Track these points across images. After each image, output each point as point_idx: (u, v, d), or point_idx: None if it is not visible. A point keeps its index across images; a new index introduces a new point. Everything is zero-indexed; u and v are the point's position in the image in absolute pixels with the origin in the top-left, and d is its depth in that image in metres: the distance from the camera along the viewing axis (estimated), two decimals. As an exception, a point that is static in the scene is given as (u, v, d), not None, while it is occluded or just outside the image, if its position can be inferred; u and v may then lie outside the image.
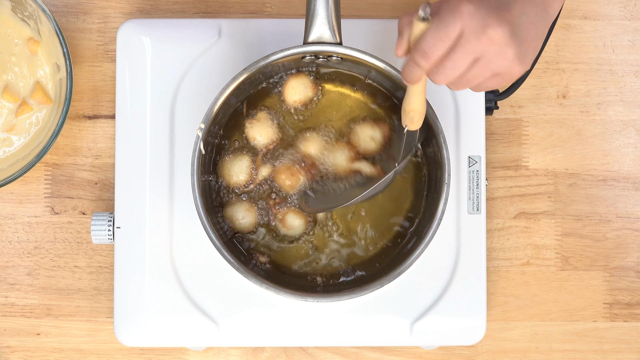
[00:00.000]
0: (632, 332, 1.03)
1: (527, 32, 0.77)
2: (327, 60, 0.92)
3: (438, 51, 0.76)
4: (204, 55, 0.98)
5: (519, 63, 0.77)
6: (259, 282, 0.88)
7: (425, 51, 0.77)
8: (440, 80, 0.78)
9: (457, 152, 0.97)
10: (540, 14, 0.78)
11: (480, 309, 0.96)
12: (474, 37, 0.75)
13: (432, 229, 0.89)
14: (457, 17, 0.75)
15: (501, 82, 0.79)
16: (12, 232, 1.03)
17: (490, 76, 0.78)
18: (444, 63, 0.77)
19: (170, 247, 0.97)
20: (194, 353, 1.02)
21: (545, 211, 1.03)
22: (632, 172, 1.04)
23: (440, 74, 0.78)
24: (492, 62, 0.77)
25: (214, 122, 0.91)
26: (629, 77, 1.04)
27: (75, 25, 1.04)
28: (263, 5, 1.04)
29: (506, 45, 0.76)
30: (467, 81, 0.78)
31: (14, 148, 1.01)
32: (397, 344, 0.97)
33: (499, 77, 0.78)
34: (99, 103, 1.03)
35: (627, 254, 1.03)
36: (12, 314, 1.02)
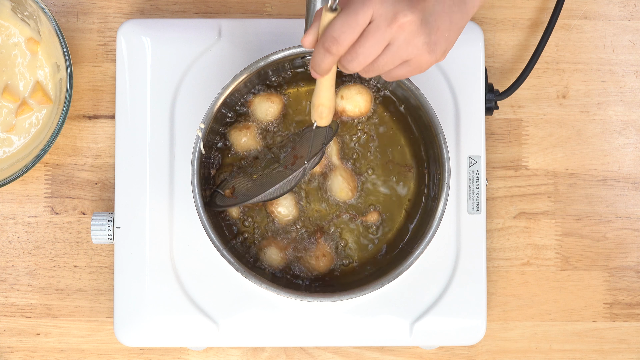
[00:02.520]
0: (632, 332, 1.03)
1: (440, 22, 0.77)
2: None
3: (348, 37, 0.76)
4: (204, 55, 0.98)
5: (427, 51, 0.77)
6: (259, 282, 0.88)
7: (334, 38, 0.76)
8: (353, 67, 0.77)
9: (457, 152, 0.97)
10: (457, 4, 0.78)
11: (480, 309, 0.96)
12: (384, 24, 0.75)
13: (432, 229, 0.89)
14: (367, 3, 0.75)
15: (410, 70, 0.79)
16: (12, 232, 1.03)
17: (400, 63, 0.78)
18: (356, 50, 0.76)
19: (170, 247, 0.97)
20: (194, 353, 1.02)
21: (545, 211, 1.03)
22: (632, 172, 1.04)
23: (352, 61, 0.77)
24: (402, 49, 0.76)
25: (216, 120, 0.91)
26: (629, 77, 1.04)
27: (75, 25, 1.04)
28: (263, 5, 1.04)
29: (416, 33, 0.76)
30: (377, 68, 0.78)
31: (14, 148, 1.01)
32: (397, 344, 0.97)
33: (407, 65, 0.78)
34: (99, 103, 1.03)
35: (627, 254, 1.03)
36: (12, 314, 1.02)
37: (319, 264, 0.95)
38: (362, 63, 0.77)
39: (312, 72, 0.81)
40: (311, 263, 0.95)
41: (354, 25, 0.75)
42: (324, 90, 0.83)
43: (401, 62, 0.78)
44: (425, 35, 0.76)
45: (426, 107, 0.90)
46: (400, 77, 0.80)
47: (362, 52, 0.76)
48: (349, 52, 0.77)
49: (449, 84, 0.98)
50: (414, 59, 0.77)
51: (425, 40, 0.76)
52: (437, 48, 0.77)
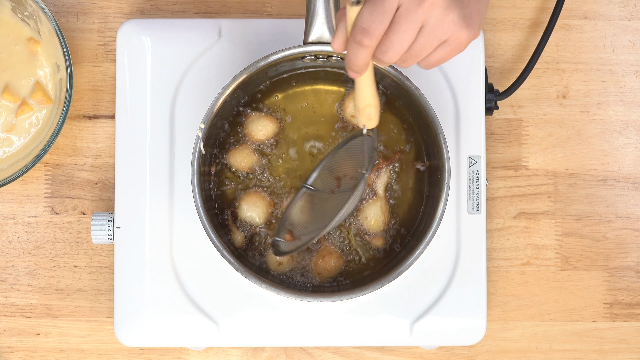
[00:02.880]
0: (632, 332, 1.03)
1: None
2: (327, 60, 0.92)
3: (379, 25, 0.73)
4: (204, 55, 0.98)
5: (464, 26, 0.74)
6: (259, 282, 0.88)
7: (365, 29, 0.73)
8: (389, 58, 0.74)
9: (457, 152, 0.97)
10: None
11: (480, 309, 0.96)
12: (414, 4, 0.72)
13: (432, 229, 0.89)
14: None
15: (450, 50, 0.76)
16: (12, 232, 1.03)
17: (438, 45, 0.75)
18: (390, 38, 0.73)
19: (170, 247, 0.97)
20: (194, 353, 1.02)
21: (545, 211, 1.03)
22: (632, 172, 1.04)
23: (387, 51, 0.74)
24: (437, 27, 0.73)
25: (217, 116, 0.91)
26: (629, 77, 1.04)
27: (75, 25, 1.04)
28: (263, 5, 1.04)
29: (449, 8, 0.73)
30: (416, 54, 0.75)
31: (14, 148, 1.01)
32: (397, 344, 0.97)
33: (446, 44, 0.75)
34: (99, 103, 1.03)
35: (627, 254, 1.03)
36: (12, 314, 1.02)
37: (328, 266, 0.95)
38: (399, 51, 0.74)
39: (350, 72, 0.78)
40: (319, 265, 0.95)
41: (382, 12, 0.72)
42: (366, 89, 0.81)
43: (439, 43, 0.75)
44: (458, 9, 0.73)
45: (426, 107, 0.90)
46: (439, 62, 0.76)
47: (396, 39, 0.73)
48: (383, 42, 0.74)
49: (449, 84, 0.98)
50: (452, 37, 0.74)
51: (460, 14, 0.73)
52: (472, 21, 0.75)
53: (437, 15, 0.73)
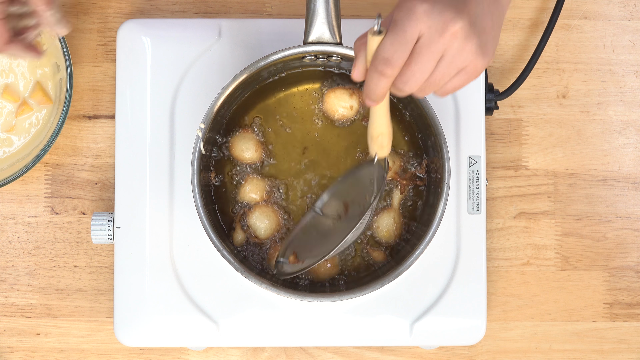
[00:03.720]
0: (632, 332, 1.03)
1: (484, 22, 0.75)
2: (327, 60, 0.92)
3: (401, 56, 0.74)
4: (204, 55, 0.98)
5: (481, 55, 0.75)
6: (259, 282, 0.88)
7: (387, 59, 0.74)
8: (409, 88, 0.75)
9: (457, 152, 0.97)
10: (493, 2, 0.76)
11: (480, 309, 0.96)
12: (435, 35, 0.73)
13: (432, 229, 0.89)
14: (413, 18, 0.73)
15: (467, 78, 0.76)
16: (12, 232, 1.03)
17: (455, 73, 0.76)
18: (411, 68, 0.74)
19: (170, 247, 0.97)
20: (194, 353, 1.02)
21: (545, 211, 1.03)
22: (632, 172, 1.04)
23: (408, 81, 0.75)
24: (457, 57, 0.74)
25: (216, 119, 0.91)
26: (629, 77, 1.04)
27: (75, 25, 1.04)
28: (263, 5, 1.04)
29: (468, 38, 0.74)
30: (434, 83, 0.76)
31: (14, 148, 1.01)
32: (397, 344, 0.97)
33: (463, 73, 0.76)
34: (99, 103, 1.03)
35: (627, 254, 1.03)
36: (12, 314, 1.02)
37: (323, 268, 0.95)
38: (419, 81, 0.75)
39: (367, 101, 0.78)
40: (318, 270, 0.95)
41: (404, 42, 0.73)
42: (380, 117, 0.81)
43: (457, 72, 0.76)
44: (476, 38, 0.74)
45: (426, 107, 0.90)
46: (455, 89, 0.77)
47: (417, 69, 0.74)
48: (404, 72, 0.75)
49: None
50: (469, 65, 0.75)
51: (478, 43, 0.74)
52: (488, 49, 0.76)
53: (457, 45, 0.74)
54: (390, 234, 0.95)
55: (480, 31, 0.75)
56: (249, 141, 0.95)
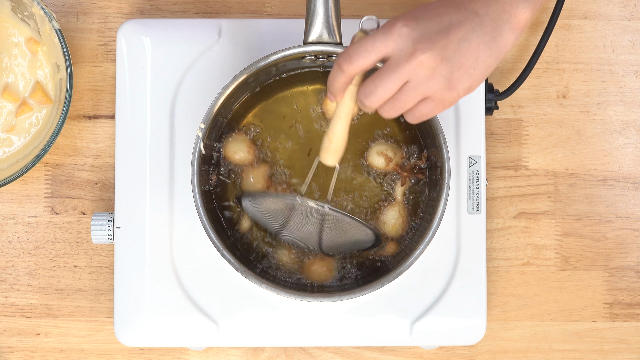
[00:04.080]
0: (632, 332, 1.03)
1: (464, 59, 0.76)
2: (327, 61, 0.92)
3: (360, 58, 0.76)
4: (204, 55, 0.98)
5: (448, 88, 0.76)
6: (259, 282, 0.88)
7: (348, 55, 0.77)
8: (370, 102, 0.77)
9: (457, 152, 0.97)
10: (486, 42, 0.76)
11: (480, 309, 0.96)
12: (402, 59, 0.75)
13: (432, 229, 0.89)
14: (388, 35, 0.75)
15: (434, 107, 0.78)
16: (12, 232, 1.03)
17: (421, 100, 0.77)
18: (374, 82, 0.77)
19: (170, 247, 0.97)
20: (194, 353, 1.02)
21: (545, 211, 1.03)
22: (632, 172, 1.04)
23: (370, 95, 0.77)
24: (421, 85, 0.76)
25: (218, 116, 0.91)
26: (629, 77, 1.04)
27: (75, 25, 1.04)
28: (263, 5, 1.04)
29: (435, 70, 0.75)
30: (398, 105, 0.78)
31: (14, 148, 1.01)
32: (397, 344, 0.97)
33: (430, 101, 0.78)
34: (99, 103, 1.03)
35: (627, 254, 1.03)
36: (12, 314, 1.02)
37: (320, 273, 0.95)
38: (380, 99, 0.77)
39: (328, 94, 0.81)
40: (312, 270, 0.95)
41: (368, 49, 0.76)
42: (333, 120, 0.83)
43: (422, 99, 0.77)
44: (446, 72, 0.76)
45: (426, 107, 0.90)
46: (423, 117, 0.79)
47: (379, 85, 0.76)
48: (366, 85, 0.77)
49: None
50: (435, 96, 0.77)
51: (447, 76, 0.76)
52: (459, 85, 0.77)
53: (423, 74, 0.76)
54: (397, 227, 0.95)
55: (454, 67, 0.76)
56: (241, 143, 0.95)
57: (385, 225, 0.95)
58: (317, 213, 0.89)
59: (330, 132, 0.84)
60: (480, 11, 0.77)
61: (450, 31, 0.76)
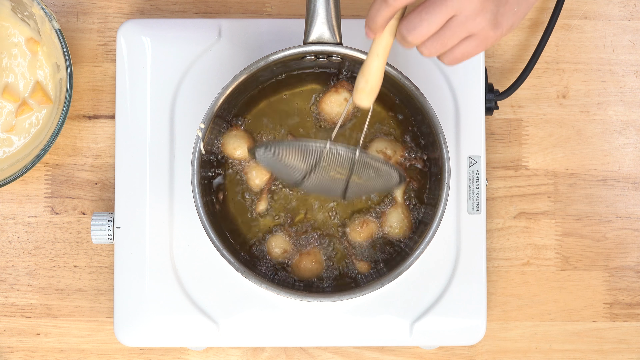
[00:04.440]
0: (632, 332, 1.03)
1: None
2: (327, 61, 0.92)
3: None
4: (204, 55, 0.98)
5: (494, 25, 0.75)
6: (259, 282, 0.88)
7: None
8: (413, 37, 0.74)
9: (457, 152, 0.97)
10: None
11: (480, 309, 0.96)
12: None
13: (432, 229, 0.89)
14: None
15: (476, 46, 0.76)
16: (12, 232, 1.03)
17: (465, 37, 0.75)
18: (420, 16, 0.73)
19: (170, 247, 0.97)
20: (194, 353, 1.02)
21: (545, 211, 1.03)
22: (632, 172, 1.04)
23: (414, 29, 0.74)
24: (468, 20, 0.74)
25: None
26: (629, 77, 1.04)
27: (75, 25, 1.04)
28: (263, 5, 1.04)
29: (484, 4, 0.73)
30: (441, 42, 0.75)
31: (14, 148, 1.01)
32: (397, 344, 0.97)
33: (473, 39, 0.75)
34: (99, 103, 1.03)
35: (627, 254, 1.03)
36: (12, 314, 1.02)
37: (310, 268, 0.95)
38: (424, 33, 0.74)
39: (366, 30, 0.77)
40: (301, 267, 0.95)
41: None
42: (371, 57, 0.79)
43: (466, 36, 0.75)
44: (493, 7, 0.74)
45: (426, 107, 0.89)
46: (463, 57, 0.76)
47: (425, 18, 0.73)
48: (411, 19, 0.74)
49: (449, 84, 0.98)
50: (480, 33, 0.75)
51: (494, 11, 0.74)
52: (503, 22, 0.75)
53: (471, 8, 0.73)
54: (403, 229, 0.94)
55: (500, 2, 0.74)
56: (240, 139, 0.95)
57: (391, 229, 0.94)
58: (346, 159, 0.84)
59: (367, 70, 0.80)
60: None
61: None
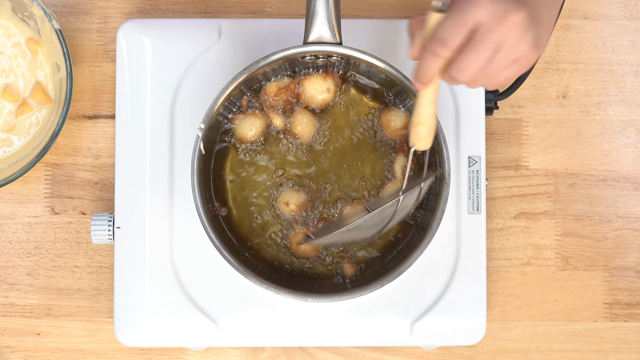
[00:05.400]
0: (632, 332, 1.03)
1: (542, 15, 0.75)
2: (327, 61, 0.92)
3: (456, 38, 0.73)
4: (204, 55, 0.98)
5: (536, 47, 0.75)
6: (259, 282, 0.88)
7: (443, 39, 0.73)
8: (465, 76, 0.75)
9: (457, 152, 0.97)
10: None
11: (480, 309, 0.96)
12: (496, 23, 0.72)
13: (432, 229, 0.89)
14: (475, 3, 0.72)
15: (518, 70, 0.76)
16: (12, 232, 1.03)
17: (509, 64, 0.75)
18: (469, 56, 0.73)
19: (170, 247, 0.97)
20: (194, 353, 1.02)
21: (545, 211, 1.03)
22: (632, 172, 1.04)
23: (465, 69, 0.74)
24: (514, 48, 0.74)
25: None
26: (629, 77, 1.04)
27: (75, 25, 1.04)
28: (263, 5, 1.04)
29: (527, 29, 0.73)
30: (489, 74, 0.75)
31: (14, 148, 1.01)
32: (397, 344, 0.97)
33: (517, 64, 0.75)
34: (99, 103, 1.03)
35: (627, 254, 1.03)
36: (12, 314, 1.02)
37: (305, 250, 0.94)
38: (475, 70, 0.74)
39: (416, 83, 0.78)
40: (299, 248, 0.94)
41: (462, 25, 0.73)
42: (425, 106, 0.80)
43: (511, 62, 0.75)
44: (534, 30, 0.74)
45: (426, 107, 0.89)
46: (505, 81, 0.77)
47: (475, 57, 0.74)
48: (460, 60, 0.74)
49: (449, 84, 0.98)
50: (524, 57, 0.75)
51: (535, 34, 0.74)
52: (542, 42, 0.75)
53: (516, 36, 0.74)
54: None
55: (537, 23, 0.74)
56: (253, 118, 0.94)
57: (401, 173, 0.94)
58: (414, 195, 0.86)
59: (425, 118, 0.80)
60: None
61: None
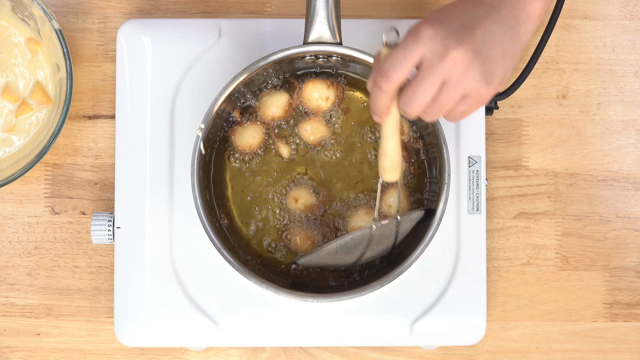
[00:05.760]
0: (632, 332, 1.03)
1: (493, 51, 0.77)
2: (327, 61, 0.92)
3: (397, 72, 0.76)
4: (204, 55, 0.98)
5: (485, 82, 0.77)
6: (259, 282, 0.88)
7: (384, 72, 0.77)
8: (413, 109, 0.78)
9: (457, 152, 0.97)
10: (508, 32, 0.78)
11: (480, 309, 0.96)
12: (436, 59, 0.76)
13: (432, 229, 0.89)
14: (417, 40, 0.76)
15: (472, 104, 0.79)
16: (12, 232, 1.03)
17: (459, 99, 0.78)
18: (413, 90, 0.77)
19: (170, 247, 0.97)
20: (194, 353, 1.02)
21: (545, 211, 1.03)
22: (632, 172, 1.04)
23: (412, 102, 0.77)
24: (459, 83, 0.76)
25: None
26: (629, 77, 1.04)
27: (75, 25, 1.04)
28: (263, 5, 1.04)
29: (470, 65, 0.76)
30: (439, 108, 0.78)
31: (14, 148, 1.01)
32: (397, 344, 0.97)
33: (468, 99, 0.78)
34: (99, 103, 1.03)
35: (627, 254, 1.03)
36: (12, 314, 1.02)
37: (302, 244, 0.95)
38: (422, 104, 0.77)
39: (373, 116, 0.81)
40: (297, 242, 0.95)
41: (402, 59, 0.76)
42: (387, 137, 0.82)
43: (461, 98, 0.78)
44: (479, 66, 0.76)
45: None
46: (463, 115, 0.79)
47: (419, 91, 0.77)
48: (406, 94, 0.77)
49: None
50: (473, 92, 0.77)
51: (481, 71, 0.76)
52: (493, 77, 0.77)
53: (459, 71, 0.76)
54: (402, 209, 0.94)
55: (485, 60, 0.77)
56: (252, 128, 0.95)
57: (390, 208, 0.94)
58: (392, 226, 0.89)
59: (387, 150, 0.83)
60: (496, 4, 0.78)
61: (475, 26, 0.77)
